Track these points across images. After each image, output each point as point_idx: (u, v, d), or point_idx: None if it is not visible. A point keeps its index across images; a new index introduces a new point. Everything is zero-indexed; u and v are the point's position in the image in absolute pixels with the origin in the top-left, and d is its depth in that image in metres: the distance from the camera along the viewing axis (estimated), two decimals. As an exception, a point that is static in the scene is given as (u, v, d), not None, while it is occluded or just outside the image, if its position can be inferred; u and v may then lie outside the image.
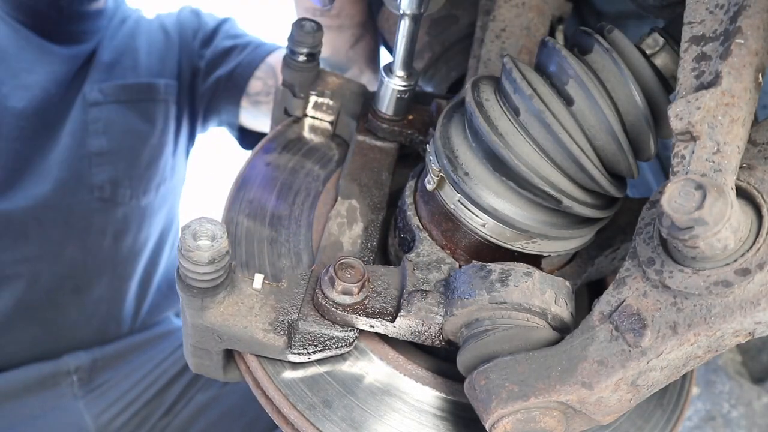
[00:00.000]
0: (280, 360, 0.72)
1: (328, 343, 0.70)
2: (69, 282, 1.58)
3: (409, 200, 0.78)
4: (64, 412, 1.54)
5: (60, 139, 1.56)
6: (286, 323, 0.70)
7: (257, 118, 1.74)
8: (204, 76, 1.76)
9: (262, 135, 1.78)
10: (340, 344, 0.70)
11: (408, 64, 0.84)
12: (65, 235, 1.56)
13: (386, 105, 0.86)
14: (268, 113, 0.92)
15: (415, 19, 0.79)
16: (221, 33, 1.79)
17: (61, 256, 1.57)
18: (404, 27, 0.79)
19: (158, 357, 1.63)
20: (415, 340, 0.71)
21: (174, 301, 1.81)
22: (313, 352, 0.70)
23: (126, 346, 1.65)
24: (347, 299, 0.69)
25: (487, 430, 0.63)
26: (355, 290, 0.69)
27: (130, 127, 1.64)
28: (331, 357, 0.72)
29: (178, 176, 1.80)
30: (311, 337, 0.70)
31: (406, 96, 0.86)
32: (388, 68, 0.85)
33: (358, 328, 0.70)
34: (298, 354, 0.70)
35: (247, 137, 1.79)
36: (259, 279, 0.71)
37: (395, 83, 0.84)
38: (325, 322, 0.70)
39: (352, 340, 0.70)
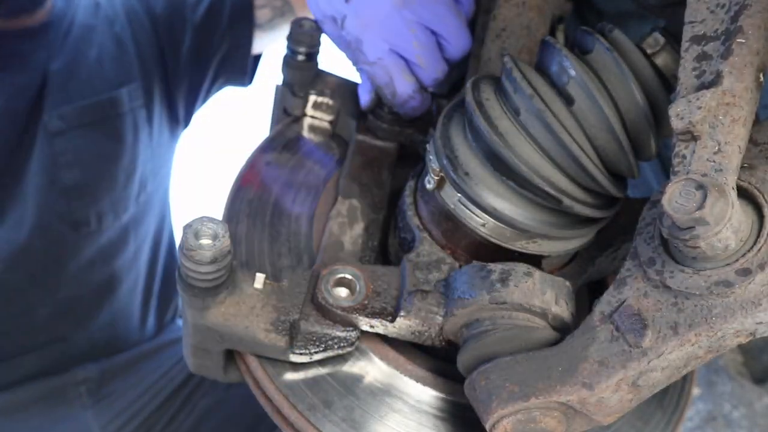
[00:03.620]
0: (280, 360, 0.72)
1: (330, 342, 0.70)
2: (70, 317, 1.56)
3: (409, 200, 0.78)
4: (73, 423, 1.54)
5: (29, 178, 1.45)
6: (288, 323, 0.70)
7: (282, 35, 1.59)
8: (196, 51, 1.62)
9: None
10: (342, 344, 0.70)
11: None
12: (56, 277, 1.52)
13: None
14: (287, 27, 0.88)
15: None
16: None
17: (56, 298, 1.53)
18: None
19: (165, 365, 1.61)
20: (415, 340, 0.71)
21: (174, 300, 1.79)
22: (315, 352, 0.70)
23: (135, 355, 1.63)
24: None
25: (488, 430, 0.63)
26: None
27: (101, 152, 1.52)
28: (332, 357, 0.72)
29: (161, 174, 1.69)
30: (313, 337, 0.69)
31: None
32: None
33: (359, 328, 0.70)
34: (300, 354, 0.70)
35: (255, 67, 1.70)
36: (260, 279, 0.71)
37: None
38: (327, 321, 0.70)
39: (353, 339, 0.70)
